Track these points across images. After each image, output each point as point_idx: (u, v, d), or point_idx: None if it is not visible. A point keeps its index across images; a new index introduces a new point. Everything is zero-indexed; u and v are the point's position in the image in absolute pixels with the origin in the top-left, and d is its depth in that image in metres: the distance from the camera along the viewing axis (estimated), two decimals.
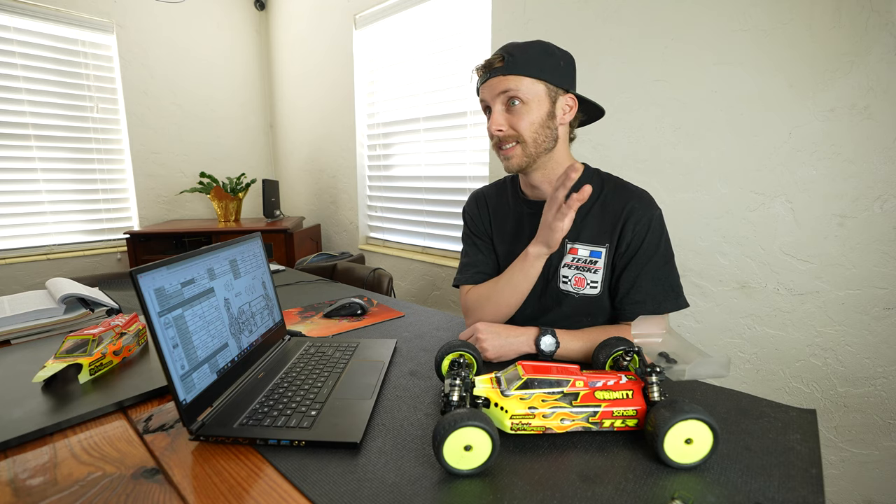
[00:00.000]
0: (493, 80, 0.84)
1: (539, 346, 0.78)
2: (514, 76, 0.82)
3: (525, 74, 0.82)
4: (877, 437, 1.17)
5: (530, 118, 0.83)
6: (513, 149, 0.86)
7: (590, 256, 0.87)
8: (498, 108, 0.84)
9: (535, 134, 0.84)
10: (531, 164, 0.87)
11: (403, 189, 2.45)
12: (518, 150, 0.85)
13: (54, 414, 0.60)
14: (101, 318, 1.00)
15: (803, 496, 0.45)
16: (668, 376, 0.55)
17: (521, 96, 0.82)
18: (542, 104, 0.84)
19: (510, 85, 0.82)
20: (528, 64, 0.82)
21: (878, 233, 1.12)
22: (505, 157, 0.87)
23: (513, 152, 0.86)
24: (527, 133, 0.84)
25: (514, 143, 0.85)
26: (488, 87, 0.85)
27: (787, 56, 1.19)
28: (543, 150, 0.86)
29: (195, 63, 2.96)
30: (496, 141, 0.87)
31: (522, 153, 0.86)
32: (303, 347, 0.81)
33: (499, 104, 0.84)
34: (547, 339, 0.78)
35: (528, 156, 0.86)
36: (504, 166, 0.89)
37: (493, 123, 0.85)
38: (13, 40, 2.36)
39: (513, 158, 0.86)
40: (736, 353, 1.36)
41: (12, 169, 2.44)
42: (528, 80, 0.82)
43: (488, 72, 0.84)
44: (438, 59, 2.17)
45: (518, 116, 0.83)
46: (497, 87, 0.83)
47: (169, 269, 0.56)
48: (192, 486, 0.48)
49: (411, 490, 0.46)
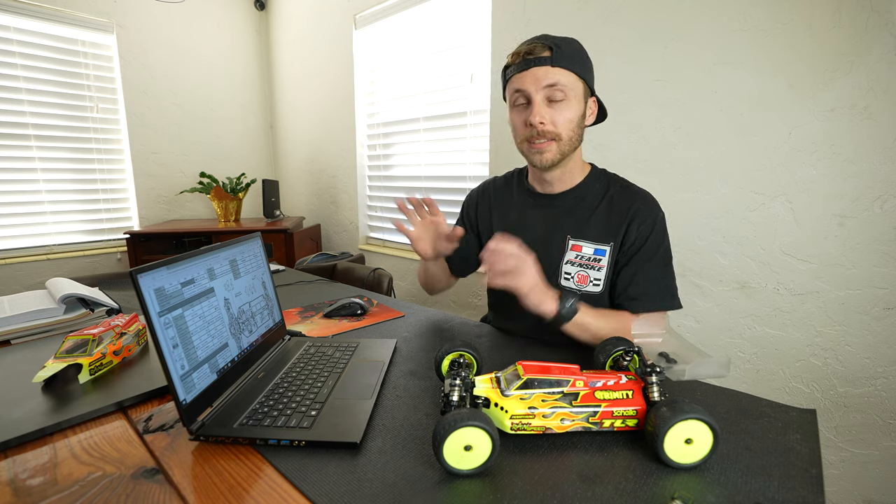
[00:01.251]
0: (538, 69, 0.80)
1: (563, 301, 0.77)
2: (563, 69, 0.79)
3: (571, 69, 0.80)
4: (877, 437, 1.17)
5: (570, 115, 0.82)
6: (547, 143, 0.83)
7: (594, 254, 0.88)
8: (540, 99, 0.81)
9: (572, 132, 0.83)
10: (562, 160, 0.86)
11: (403, 189, 2.45)
12: (554, 146, 0.84)
13: (54, 414, 0.60)
14: (101, 318, 1.00)
15: (803, 496, 0.45)
16: (668, 376, 0.55)
17: (567, 92, 0.80)
18: (580, 102, 0.83)
19: (559, 78, 0.79)
20: (573, 59, 0.80)
21: (878, 233, 1.12)
22: (538, 150, 0.85)
23: (547, 147, 0.84)
24: (565, 130, 0.82)
25: (553, 138, 0.83)
26: (531, 76, 0.81)
27: (787, 56, 1.19)
28: (573, 149, 0.86)
29: (195, 63, 2.96)
30: (529, 134, 0.84)
31: (557, 150, 0.84)
32: (303, 347, 0.81)
33: (542, 95, 0.81)
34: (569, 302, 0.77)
35: (561, 153, 0.85)
36: (535, 160, 0.87)
37: (535, 115, 0.81)
38: (13, 40, 2.36)
39: (546, 153, 0.84)
40: (736, 353, 1.36)
41: (12, 169, 2.44)
42: (573, 75, 0.80)
43: (531, 60, 0.80)
44: (438, 59, 2.17)
45: (559, 112, 0.81)
46: (543, 78, 0.80)
47: (169, 269, 0.56)
48: (192, 486, 0.48)
49: (411, 490, 0.46)
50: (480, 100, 1.99)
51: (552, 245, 0.91)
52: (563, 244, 0.90)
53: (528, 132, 0.84)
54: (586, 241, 0.88)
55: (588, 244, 0.88)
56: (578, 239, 0.89)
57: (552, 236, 0.91)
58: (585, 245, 0.88)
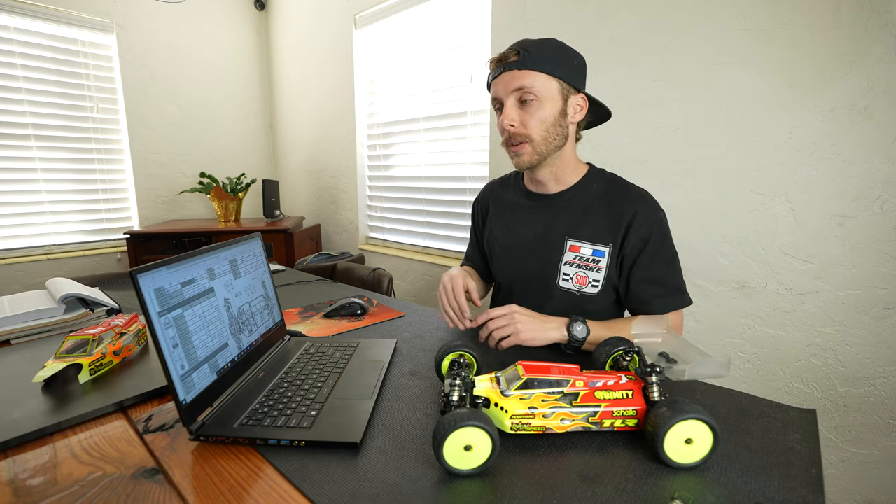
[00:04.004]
0: (507, 74, 0.82)
1: (571, 332, 0.78)
2: (530, 71, 0.80)
3: (540, 70, 0.81)
4: (877, 437, 1.17)
5: (542, 115, 0.83)
6: (523, 146, 0.84)
7: (592, 255, 0.88)
8: (510, 103, 0.83)
9: (546, 132, 0.84)
10: (541, 161, 0.87)
11: (403, 189, 2.45)
12: (528, 147, 0.85)
13: (54, 414, 0.60)
14: (101, 318, 1.00)
15: (803, 496, 0.45)
16: (668, 376, 0.55)
17: (536, 93, 0.81)
18: (555, 102, 0.83)
19: (525, 81, 0.81)
20: (544, 60, 0.81)
21: (878, 233, 1.12)
22: (515, 153, 0.86)
23: (523, 149, 0.85)
24: (536, 131, 0.83)
25: (525, 140, 0.84)
26: (501, 81, 0.83)
27: (788, 56, 1.19)
28: (554, 148, 0.86)
29: (195, 63, 2.96)
30: (507, 137, 0.86)
31: (533, 151, 0.85)
32: (303, 347, 0.81)
33: (512, 99, 0.83)
34: (578, 325, 0.78)
35: (538, 153, 0.85)
36: (514, 163, 0.88)
37: (504, 118, 0.83)
38: (13, 40, 2.36)
39: (523, 156, 0.86)
40: (736, 353, 1.36)
41: (12, 169, 2.44)
42: (542, 76, 0.81)
43: (502, 66, 0.82)
44: (438, 59, 2.17)
45: (530, 113, 0.82)
46: (511, 82, 0.82)
47: (169, 269, 0.56)
48: (192, 486, 0.48)
49: (411, 490, 0.46)
50: (480, 100, 1.99)
51: (550, 245, 0.91)
52: (562, 244, 0.90)
53: (505, 136, 0.86)
54: (584, 241, 0.88)
55: (586, 245, 0.88)
56: (576, 240, 0.89)
57: (549, 236, 0.91)
58: (584, 246, 0.88)
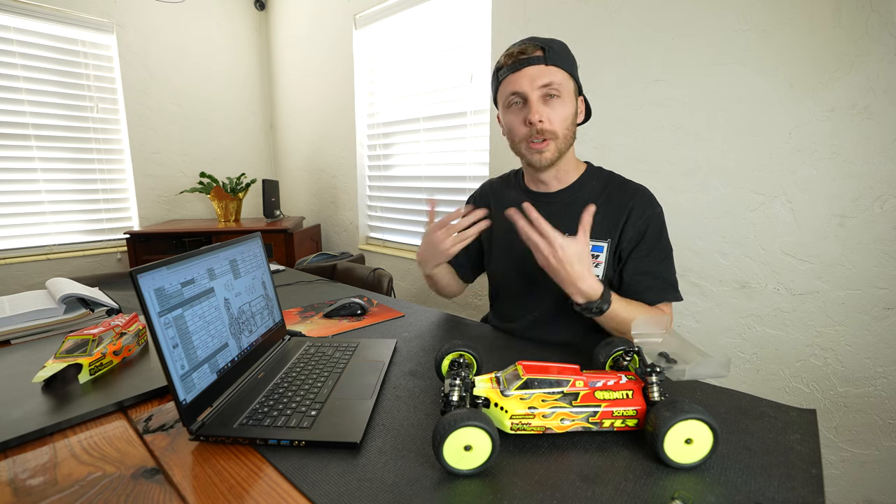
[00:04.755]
0: (533, 69, 0.80)
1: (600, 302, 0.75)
2: (556, 68, 0.80)
3: (563, 68, 0.81)
4: (877, 437, 1.17)
5: (565, 113, 0.83)
6: (547, 143, 0.84)
7: (591, 251, 0.88)
8: (536, 98, 0.81)
9: (567, 130, 0.84)
10: (559, 159, 0.87)
11: (403, 189, 2.45)
12: (552, 145, 0.84)
13: (54, 414, 0.60)
14: (101, 318, 1.00)
15: (803, 496, 0.45)
16: (668, 376, 0.55)
17: (561, 90, 0.81)
18: (573, 101, 0.84)
19: (554, 77, 0.80)
20: (566, 58, 0.81)
21: (878, 233, 1.12)
22: (538, 150, 0.85)
23: (547, 146, 0.84)
24: (561, 128, 0.83)
25: (550, 137, 0.83)
26: (525, 76, 0.81)
27: (788, 56, 1.19)
28: (567, 148, 0.87)
29: (195, 63, 2.96)
30: (528, 133, 0.84)
31: (555, 148, 0.84)
32: (303, 347, 0.81)
33: (538, 94, 0.81)
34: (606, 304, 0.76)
35: (559, 151, 0.85)
36: (534, 160, 0.87)
37: (534, 113, 0.81)
38: (13, 40, 2.36)
39: (546, 152, 0.85)
40: (736, 353, 1.36)
41: (12, 169, 2.44)
42: (565, 74, 0.81)
43: (525, 60, 0.81)
44: (438, 59, 2.17)
45: (555, 110, 0.82)
46: (538, 77, 0.80)
47: (169, 269, 0.56)
48: (192, 486, 0.48)
49: (411, 490, 0.46)
50: (480, 100, 1.99)
51: None
52: None
53: (527, 132, 0.85)
54: None
55: None
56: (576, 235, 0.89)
57: None
58: None
